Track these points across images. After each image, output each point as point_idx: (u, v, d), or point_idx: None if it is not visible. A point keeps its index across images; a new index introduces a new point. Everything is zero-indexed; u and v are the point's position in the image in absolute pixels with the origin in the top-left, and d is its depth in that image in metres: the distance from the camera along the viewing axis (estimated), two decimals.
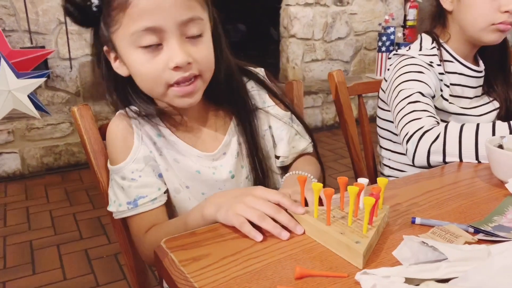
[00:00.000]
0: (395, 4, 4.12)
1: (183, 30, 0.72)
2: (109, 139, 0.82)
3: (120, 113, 0.83)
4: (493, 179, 0.79)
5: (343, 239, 0.56)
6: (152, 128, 0.81)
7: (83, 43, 3.03)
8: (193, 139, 0.84)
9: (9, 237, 2.03)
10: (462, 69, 1.14)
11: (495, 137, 0.82)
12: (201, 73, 0.75)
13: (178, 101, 0.76)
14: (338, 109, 1.24)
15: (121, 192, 0.80)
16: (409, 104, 1.01)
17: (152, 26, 0.69)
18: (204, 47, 0.75)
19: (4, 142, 2.63)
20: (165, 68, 0.72)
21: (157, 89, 0.75)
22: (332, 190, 0.59)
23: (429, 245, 0.53)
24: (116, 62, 0.78)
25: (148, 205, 0.79)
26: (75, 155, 2.79)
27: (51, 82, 3.00)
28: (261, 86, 0.91)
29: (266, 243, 0.59)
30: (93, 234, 2.05)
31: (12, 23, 2.81)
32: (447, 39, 1.14)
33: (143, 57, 0.72)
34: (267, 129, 0.91)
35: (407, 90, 1.04)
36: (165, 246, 0.58)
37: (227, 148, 0.86)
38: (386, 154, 1.25)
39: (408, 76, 1.06)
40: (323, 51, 3.91)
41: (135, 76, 0.76)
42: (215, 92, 0.83)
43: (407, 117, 0.99)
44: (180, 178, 0.83)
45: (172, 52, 0.71)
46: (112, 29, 0.73)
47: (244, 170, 0.88)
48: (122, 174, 0.80)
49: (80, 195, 2.45)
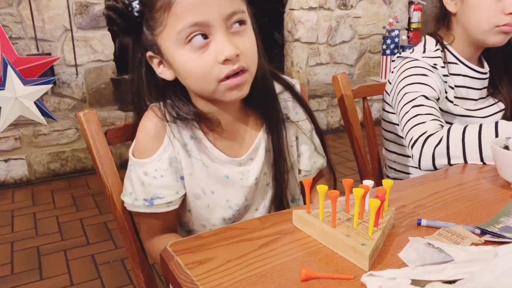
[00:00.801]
0: (399, 7, 4.12)
1: (228, 24, 0.72)
2: (140, 131, 0.81)
3: (155, 105, 0.81)
4: (499, 180, 0.78)
5: (349, 241, 0.56)
6: (186, 129, 0.80)
7: (89, 49, 3.05)
8: (224, 143, 0.83)
9: (16, 243, 2.04)
10: (466, 70, 1.13)
11: (500, 138, 0.82)
12: (248, 66, 0.75)
13: (228, 95, 0.75)
14: (343, 112, 1.24)
15: (141, 186, 0.79)
16: (413, 107, 1.01)
17: (199, 22, 0.69)
18: (249, 39, 0.75)
19: (11, 148, 2.64)
20: (214, 63, 0.72)
21: (208, 86, 0.74)
22: (337, 192, 0.59)
23: (435, 247, 0.53)
24: (160, 67, 0.78)
25: (163, 207, 0.79)
26: (81, 161, 2.80)
27: (57, 89, 3.03)
28: (295, 99, 0.91)
29: (271, 246, 0.59)
30: (99, 239, 2.05)
31: (19, 30, 2.84)
32: (451, 41, 1.14)
33: (191, 55, 0.72)
34: (295, 140, 0.91)
35: (411, 94, 1.04)
36: (171, 249, 0.58)
37: (255, 154, 0.86)
38: (392, 157, 1.24)
39: (412, 79, 1.06)
40: (327, 54, 3.91)
41: (184, 76, 0.75)
42: (250, 94, 0.82)
43: (411, 122, 0.99)
44: (206, 183, 0.82)
45: (220, 45, 0.71)
46: (156, 31, 0.73)
47: (267, 177, 0.88)
48: (145, 170, 0.79)
49: (87, 201, 2.46)
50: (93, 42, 3.06)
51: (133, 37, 0.77)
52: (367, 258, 0.53)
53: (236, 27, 0.73)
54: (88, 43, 3.05)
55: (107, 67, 3.14)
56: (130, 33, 0.76)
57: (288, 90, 0.91)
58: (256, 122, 0.87)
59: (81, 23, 2.99)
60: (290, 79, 0.94)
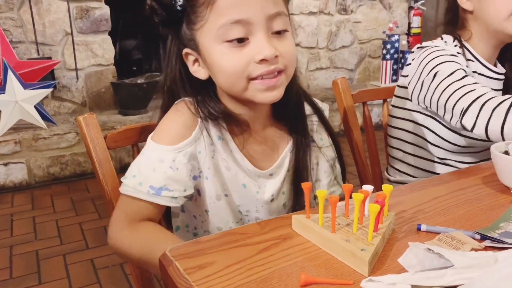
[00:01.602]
0: (399, 12, 4.13)
1: (270, 25, 0.72)
2: (171, 116, 0.79)
3: (187, 99, 0.79)
4: (499, 185, 0.78)
5: (348, 246, 0.56)
6: (215, 128, 0.79)
7: (89, 53, 3.06)
8: (250, 150, 0.82)
9: (15, 247, 2.03)
10: (483, 70, 1.14)
11: (501, 143, 0.82)
12: (285, 68, 0.74)
13: (260, 95, 0.74)
14: (343, 116, 1.24)
15: (151, 172, 0.74)
16: (455, 82, 1.01)
17: (241, 19, 0.69)
18: (289, 43, 0.75)
19: (11, 152, 2.64)
20: (250, 62, 0.71)
21: (238, 84, 0.73)
22: (337, 197, 0.59)
23: (435, 252, 0.53)
24: (194, 65, 0.78)
25: (167, 200, 0.74)
26: (81, 165, 2.80)
27: (57, 93, 3.03)
28: (322, 123, 0.91)
29: (271, 251, 0.59)
30: (99, 243, 2.05)
31: (19, 34, 2.85)
32: (468, 37, 1.14)
33: (228, 51, 0.71)
34: (316, 164, 0.90)
35: (447, 70, 1.04)
36: (170, 254, 0.58)
37: (277, 171, 0.85)
38: (398, 155, 1.25)
39: (442, 58, 1.07)
40: (327, 59, 3.92)
41: (217, 72, 0.74)
42: (281, 108, 0.82)
43: (457, 93, 1.00)
44: (224, 185, 0.82)
45: (260, 45, 0.70)
46: (196, 26, 0.73)
47: (284, 196, 0.87)
48: (162, 156, 0.74)
49: (86, 205, 2.45)
50: (93, 46, 3.06)
51: (172, 30, 0.77)
52: (367, 263, 0.53)
53: (278, 29, 0.73)
54: (89, 47, 3.05)
55: (107, 71, 3.15)
56: (170, 26, 0.76)
57: (317, 114, 0.90)
58: (284, 136, 0.86)
59: (82, 27, 3.00)
60: (321, 103, 0.93)
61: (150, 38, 3.77)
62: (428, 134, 1.17)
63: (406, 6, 4.16)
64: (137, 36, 3.76)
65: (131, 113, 3.06)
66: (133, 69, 3.67)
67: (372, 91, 1.31)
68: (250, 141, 0.82)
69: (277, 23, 0.72)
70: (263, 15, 0.70)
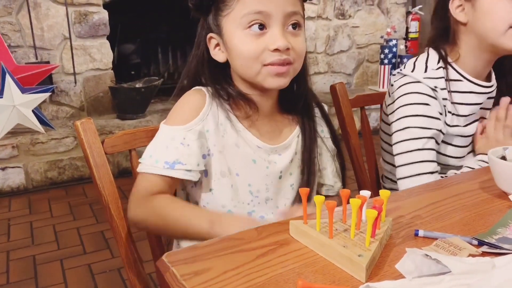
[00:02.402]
0: (397, 17, 4.15)
1: (286, 21, 0.81)
2: (180, 101, 0.88)
3: (199, 88, 0.89)
4: (496, 191, 0.78)
5: (346, 252, 0.56)
6: (223, 111, 0.87)
7: (88, 58, 3.06)
8: (257, 130, 0.90)
9: (12, 252, 2.02)
10: (472, 87, 1.09)
11: (498, 148, 0.82)
12: (294, 61, 0.83)
13: (270, 80, 0.83)
14: (340, 121, 1.24)
15: (164, 150, 0.82)
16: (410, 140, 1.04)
17: (262, 10, 0.79)
18: (301, 39, 0.84)
19: (8, 156, 2.64)
20: (265, 49, 0.80)
21: (253, 67, 0.82)
22: (334, 203, 0.59)
23: (432, 258, 0.53)
24: (215, 49, 0.87)
25: (181, 173, 0.81)
26: (79, 169, 2.79)
27: (55, 97, 3.03)
28: (323, 118, 0.99)
29: (268, 257, 0.58)
30: (96, 248, 2.04)
31: (18, 39, 2.85)
32: (456, 58, 1.09)
33: (247, 38, 0.81)
34: (319, 153, 0.96)
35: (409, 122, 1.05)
36: (166, 260, 0.58)
37: (285, 151, 0.92)
38: (388, 168, 1.24)
39: (412, 109, 1.05)
40: (325, 64, 3.92)
41: (235, 56, 0.84)
42: (292, 96, 0.91)
43: (404, 156, 1.04)
44: (233, 163, 0.87)
45: (275, 36, 0.80)
46: (224, 13, 0.83)
47: (291, 177, 0.93)
48: (173, 135, 0.83)
49: (84, 209, 2.44)
50: (91, 50, 3.06)
51: (202, 15, 0.87)
52: (364, 269, 0.53)
53: (291, 29, 0.83)
54: (87, 52, 3.05)
55: (105, 76, 3.14)
56: (201, 11, 0.87)
57: (319, 107, 0.99)
58: (291, 123, 0.94)
59: (80, 32, 3.00)
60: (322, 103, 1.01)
61: (148, 42, 3.78)
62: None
63: (404, 11, 4.18)
64: (136, 41, 3.76)
65: (129, 118, 3.05)
66: (131, 73, 3.67)
67: (370, 95, 1.31)
68: (258, 123, 0.90)
69: (292, 21, 0.82)
70: (281, 10, 0.80)
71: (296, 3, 0.82)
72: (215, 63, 0.88)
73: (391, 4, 4.10)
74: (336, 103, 1.23)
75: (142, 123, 2.99)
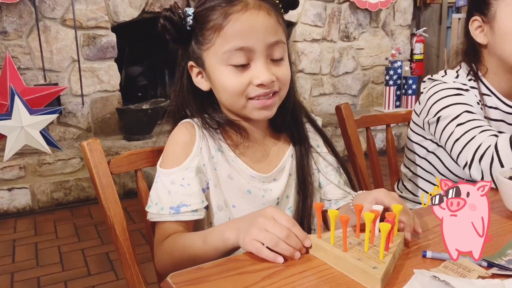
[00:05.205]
0: (401, 39, 4.18)
1: (269, 52, 0.79)
2: (171, 141, 0.86)
3: (186, 121, 0.87)
4: (505, 212, 0.77)
5: (361, 264, 0.56)
6: (213, 141, 0.85)
7: (95, 80, 3.10)
8: (249, 159, 0.87)
9: (16, 273, 2.01)
10: (499, 104, 1.09)
11: (505, 168, 0.81)
12: (280, 89, 0.82)
13: (256, 113, 0.82)
14: (346, 142, 1.24)
15: (167, 196, 0.81)
16: (457, 126, 1.00)
17: (244, 46, 0.77)
18: (285, 68, 0.83)
19: (15, 177, 2.65)
20: (249, 84, 0.79)
21: (238, 102, 0.81)
22: (348, 217, 0.59)
23: (441, 280, 0.52)
24: (198, 77, 0.85)
25: (188, 215, 0.80)
26: (85, 190, 2.80)
27: (63, 118, 3.06)
28: (317, 132, 0.97)
29: (273, 278, 0.58)
30: (101, 270, 2.03)
31: (27, 61, 2.89)
32: (484, 72, 1.10)
33: (231, 73, 0.79)
34: (316, 169, 0.94)
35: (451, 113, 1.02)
36: (171, 281, 0.57)
37: (279, 175, 0.89)
38: (408, 175, 1.25)
39: (447, 101, 1.04)
40: (330, 85, 3.94)
41: (219, 90, 0.82)
42: (280, 119, 0.89)
43: (460, 142, 0.99)
44: (229, 195, 0.85)
45: (259, 71, 0.78)
46: (204, 46, 0.80)
47: (288, 200, 0.91)
48: (172, 179, 0.81)
49: (89, 231, 2.44)
50: (99, 72, 3.11)
51: (181, 47, 0.85)
52: (379, 281, 0.53)
53: (276, 56, 0.80)
54: (95, 74, 3.09)
55: (112, 97, 3.18)
56: (179, 43, 0.84)
57: (309, 121, 0.97)
58: (283, 143, 0.92)
59: (88, 54, 3.04)
60: (313, 116, 1.00)
61: (155, 65, 3.82)
62: (437, 163, 1.17)
63: (408, 33, 4.22)
64: (143, 63, 3.82)
65: (135, 138, 3.07)
66: (138, 95, 3.71)
67: (375, 116, 1.32)
68: (250, 150, 0.87)
69: (275, 51, 0.80)
70: (263, 43, 0.78)
71: (277, 31, 0.80)
72: (199, 91, 0.86)
73: (395, 26, 4.14)
74: (341, 123, 1.23)
75: (149, 144, 3.00)
